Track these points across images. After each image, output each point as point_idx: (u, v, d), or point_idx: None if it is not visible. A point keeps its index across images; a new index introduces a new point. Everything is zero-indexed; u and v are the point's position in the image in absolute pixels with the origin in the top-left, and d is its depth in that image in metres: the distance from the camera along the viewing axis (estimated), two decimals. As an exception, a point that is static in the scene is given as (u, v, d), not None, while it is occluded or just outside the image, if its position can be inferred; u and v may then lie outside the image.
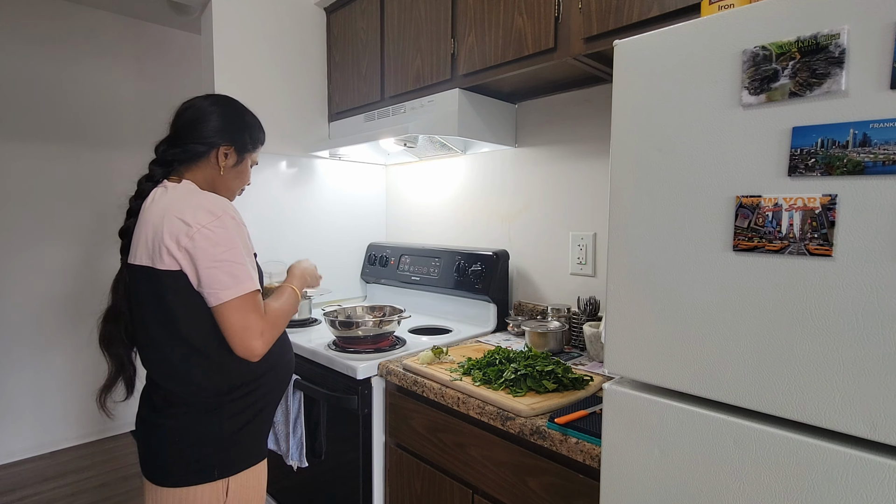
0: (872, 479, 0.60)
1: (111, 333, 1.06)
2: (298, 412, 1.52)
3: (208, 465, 1.01)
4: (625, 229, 0.83)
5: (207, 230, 0.94)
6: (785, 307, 0.66)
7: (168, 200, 0.99)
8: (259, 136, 1.17)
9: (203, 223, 0.94)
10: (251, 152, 1.16)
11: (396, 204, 2.43)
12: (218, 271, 0.94)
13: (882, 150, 0.58)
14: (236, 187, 1.17)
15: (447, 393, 1.23)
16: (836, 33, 0.61)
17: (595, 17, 1.24)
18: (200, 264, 0.94)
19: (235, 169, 1.13)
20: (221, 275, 0.94)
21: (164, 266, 0.95)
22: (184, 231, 0.94)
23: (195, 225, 0.94)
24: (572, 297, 1.70)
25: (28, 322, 2.73)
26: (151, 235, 0.97)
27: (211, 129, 1.07)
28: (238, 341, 0.96)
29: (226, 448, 1.03)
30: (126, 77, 2.98)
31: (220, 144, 1.08)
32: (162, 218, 0.96)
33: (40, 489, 2.44)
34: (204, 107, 1.09)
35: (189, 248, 0.94)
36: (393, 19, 1.86)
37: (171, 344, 0.99)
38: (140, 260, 0.99)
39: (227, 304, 0.94)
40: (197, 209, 0.96)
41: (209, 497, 1.01)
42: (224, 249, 0.95)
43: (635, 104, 0.81)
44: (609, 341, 0.86)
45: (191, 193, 1.01)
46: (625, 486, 0.83)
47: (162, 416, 1.02)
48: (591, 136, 1.63)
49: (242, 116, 1.13)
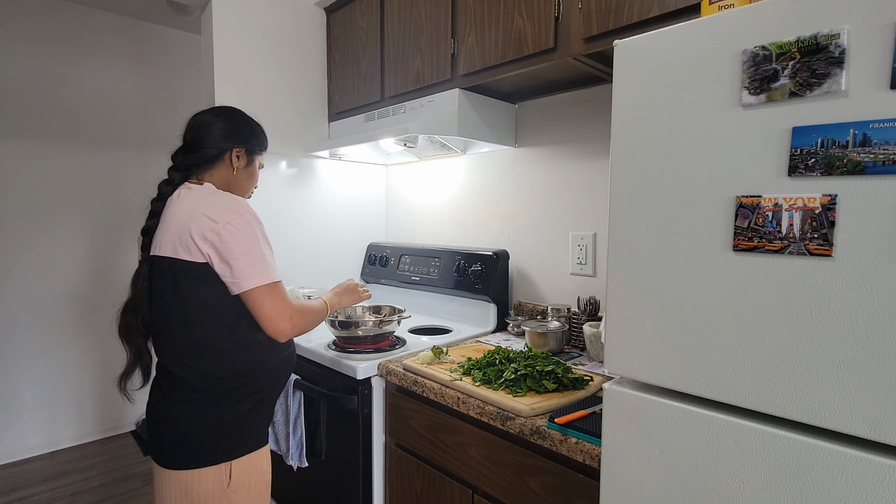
0: (872, 479, 0.60)
1: (130, 324, 1.13)
2: (298, 412, 1.52)
3: (212, 448, 1.07)
4: (625, 229, 0.83)
5: (232, 226, 1.04)
6: (785, 307, 0.66)
7: (195, 199, 1.09)
8: (264, 140, 1.29)
9: (228, 220, 1.04)
10: (258, 154, 1.27)
11: (396, 204, 2.43)
12: (244, 263, 1.04)
13: (882, 150, 0.58)
14: (248, 188, 1.27)
15: (447, 393, 1.23)
16: (836, 33, 0.61)
17: (595, 17, 1.24)
18: (228, 256, 1.03)
19: (247, 170, 1.24)
20: (247, 266, 1.04)
21: (190, 257, 1.04)
22: (210, 227, 1.03)
23: (221, 221, 1.04)
24: (572, 297, 1.70)
25: (28, 322, 2.73)
26: (179, 230, 1.06)
27: (223, 134, 1.18)
28: (269, 322, 1.06)
29: (229, 433, 1.09)
30: (126, 77, 2.98)
31: (232, 147, 1.19)
32: (190, 214, 1.06)
33: (40, 489, 2.44)
34: (212, 116, 1.21)
35: (215, 243, 1.03)
36: (393, 19, 1.86)
37: (183, 331, 1.06)
38: (164, 251, 1.08)
39: (257, 290, 1.04)
40: (222, 208, 1.06)
41: (213, 480, 1.07)
42: (248, 243, 1.05)
43: (635, 104, 0.81)
44: (609, 341, 0.86)
45: (214, 194, 1.11)
46: (625, 486, 0.83)
47: (170, 401, 1.09)
48: (591, 136, 1.63)
49: (248, 122, 1.25)
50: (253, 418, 1.13)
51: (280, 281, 1.09)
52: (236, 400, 1.10)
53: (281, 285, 1.09)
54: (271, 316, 1.06)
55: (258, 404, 1.14)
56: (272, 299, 1.06)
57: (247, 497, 1.12)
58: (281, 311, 1.07)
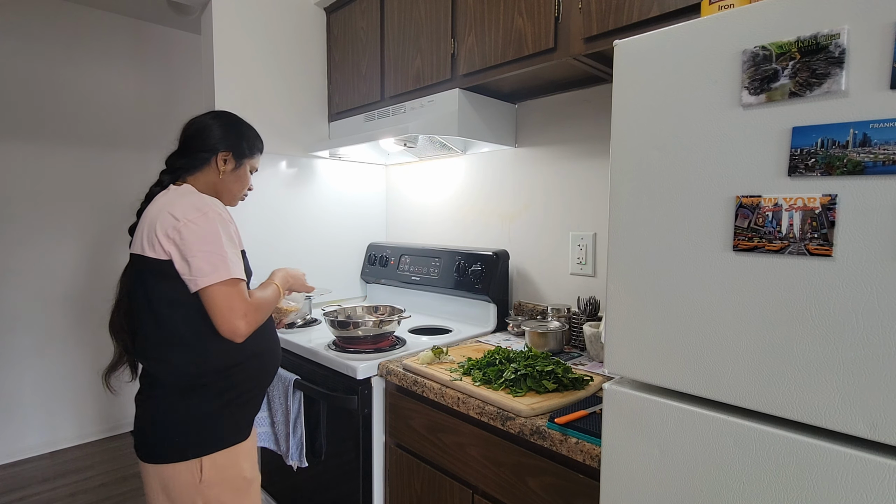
0: (872, 479, 0.60)
1: (115, 320, 1.18)
2: (298, 412, 1.52)
3: (183, 444, 1.09)
4: (625, 229, 0.83)
5: (193, 224, 1.05)
6: (785, 307, 0.66)
7: (167, 199, 1.10)
8: (256, 143, 1.29)
9: (190, 218, 1.05)
10: (249, 158, 1.27)
11: (396, 204, 2.43)
12: (201, 260, 1.03)
13: (882, 150, 0.58)
14: (237, 190, 1.27)
15: (447, 393, 1.23)
16: (836, 33, 0.61)
17: (595, 17, 1.24)
18: (187, 253, 1.04)
19: (234, 173, 1.24)
20: (204, 263, 1.03)
21: (155, 255, 1.06)
22: (172, 224, 1.05)
23: (182, 219, 1.05)
24: (572, 297, 1.70)
25: (28, 322, 2.73)
26: (148, 228, 1.08)
27: (211, 139, 1.20)
28: (222, 321, 1.04)
29: (201, 429, 1.10)
30: (126, 77, 2.98)
31: (219, 151, 1.20)
32: (158, 213, 1.08)
33: (40, 489, 2.44)
34: (205, 120, 1.22)
35: (176, 240, 1.04)
36: (393, 19, 1.86)
37: (153, 327, 1.09)
38: (136, 249, 1.11)
39: (211, 289, 1.03)
40: (187, 206, 1.07)
41: (185, 475, 1.08)
42: (207, 241, 1.05)
43: (635, 104, 0.81)
44: (609, 341, 0.86)
45: (185, 194, 1.11)
46: (625, 486, 0.83)
47: (145, 396, 1.12)
48: (591, 136, 1.63)
49: (238, 126, 1.25)
50: (228, 415, 1.13)
51: (239, 278, 1.06)
52: (210, 396, 1.10)
53: (238, 283, 1.06)
54: (224, 314, 1.04)
55: (233, 401, 1.14)
56: (225, 297, 1.04)
57: (226, 493, 1.12)
58: (234, 309, 1.04)
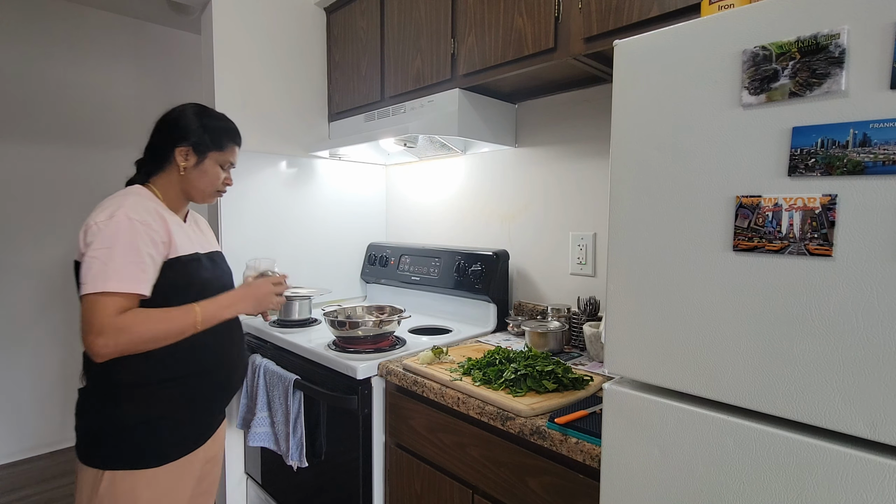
0: (872, 479, 0.60)
1: None
2: (298, 412, 1.52)
3: (92, 449, 1.05)
4: (625, 229, 0.83)
5: (96, 227, 1.01)
6: (785, 307, 0.66)
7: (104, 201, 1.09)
8: (222, 137, 1.19)
9: (97, 220, 1.02)
10: (214, 151, 1.18)
11: (396, 204, 2.43)
12: (86, 267, 0.99)
13: (882, 150, 0.58)
14: (205, 187, 1.19)
15: (447, 393, 1.23)
16: (836, 33, 0.61)
17: (595, 18, 1.24)
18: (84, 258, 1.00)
19: (198, 169, 1.17)
20: (86, 270, 0.99)
21: (77, 257, 1.04)
22: (84, 227, 1.03)
23: (91, 222, 1.02)
24: (572, 297, 1.70)
25: (28, 322, 2.74)
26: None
27: (169, 133, 1.15)
28: (83, 334, 0.98)
29: (113, 439, 1.05)
30: (126, 77, 2.98)
31: (177, 145, 1.14)
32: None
33: (40, 489, 2.44)
34: (167, 115, 1.17)
35: (81, 243, 1.02)
36: (393, 19, 1.86)
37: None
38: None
39: (84, 298, 0.98)
40: (101, 208, 1.04)
41: (88, 480, 1.05)
42: (102, 247, 0.99)
43: (635, 104, 0.81)
44: (609, 341, 0.86)
45: (117, 196, 1.08)
46: (625, 486, 0.83)
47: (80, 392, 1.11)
48: (591, 136, 1.63)
49: (200, 118, 1.17)
50: (156, 432, 1.06)
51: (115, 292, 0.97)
52: (132, 407, 1.05)
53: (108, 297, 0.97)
54: (82, 327, 0.97)
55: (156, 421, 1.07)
56: (87, 309, 0.97)
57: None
58: (92, 324, 0.96)
